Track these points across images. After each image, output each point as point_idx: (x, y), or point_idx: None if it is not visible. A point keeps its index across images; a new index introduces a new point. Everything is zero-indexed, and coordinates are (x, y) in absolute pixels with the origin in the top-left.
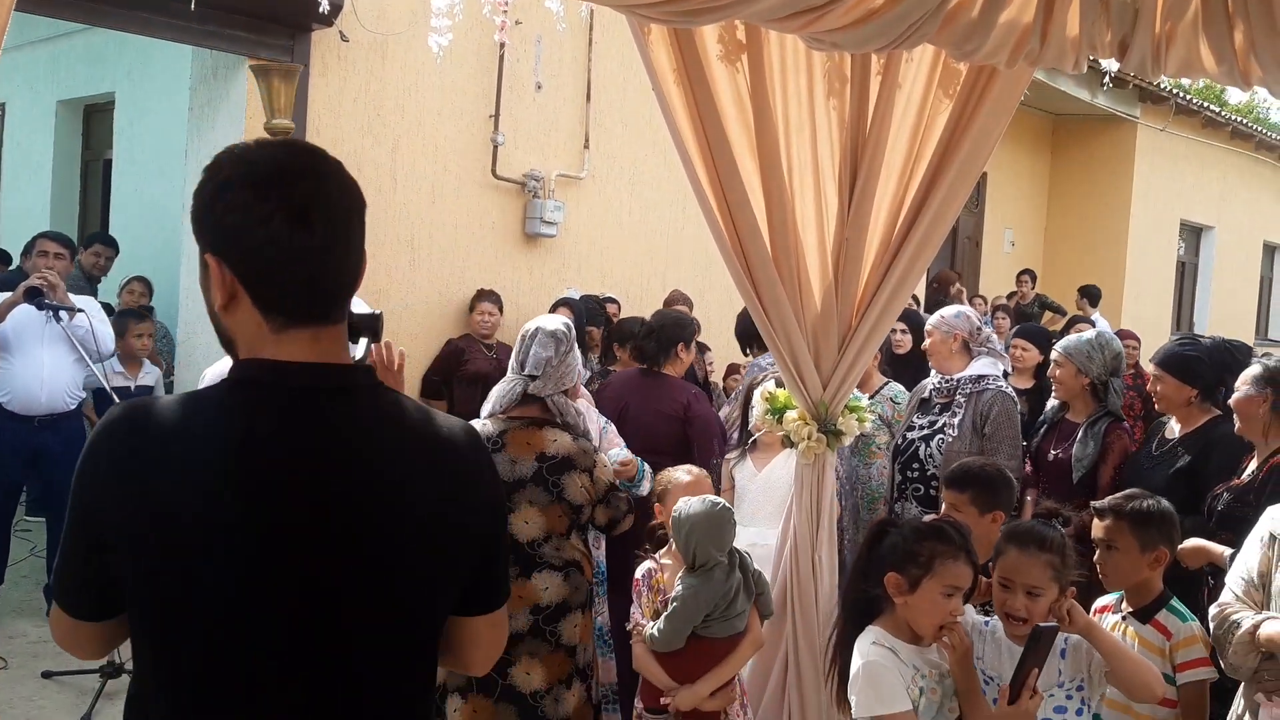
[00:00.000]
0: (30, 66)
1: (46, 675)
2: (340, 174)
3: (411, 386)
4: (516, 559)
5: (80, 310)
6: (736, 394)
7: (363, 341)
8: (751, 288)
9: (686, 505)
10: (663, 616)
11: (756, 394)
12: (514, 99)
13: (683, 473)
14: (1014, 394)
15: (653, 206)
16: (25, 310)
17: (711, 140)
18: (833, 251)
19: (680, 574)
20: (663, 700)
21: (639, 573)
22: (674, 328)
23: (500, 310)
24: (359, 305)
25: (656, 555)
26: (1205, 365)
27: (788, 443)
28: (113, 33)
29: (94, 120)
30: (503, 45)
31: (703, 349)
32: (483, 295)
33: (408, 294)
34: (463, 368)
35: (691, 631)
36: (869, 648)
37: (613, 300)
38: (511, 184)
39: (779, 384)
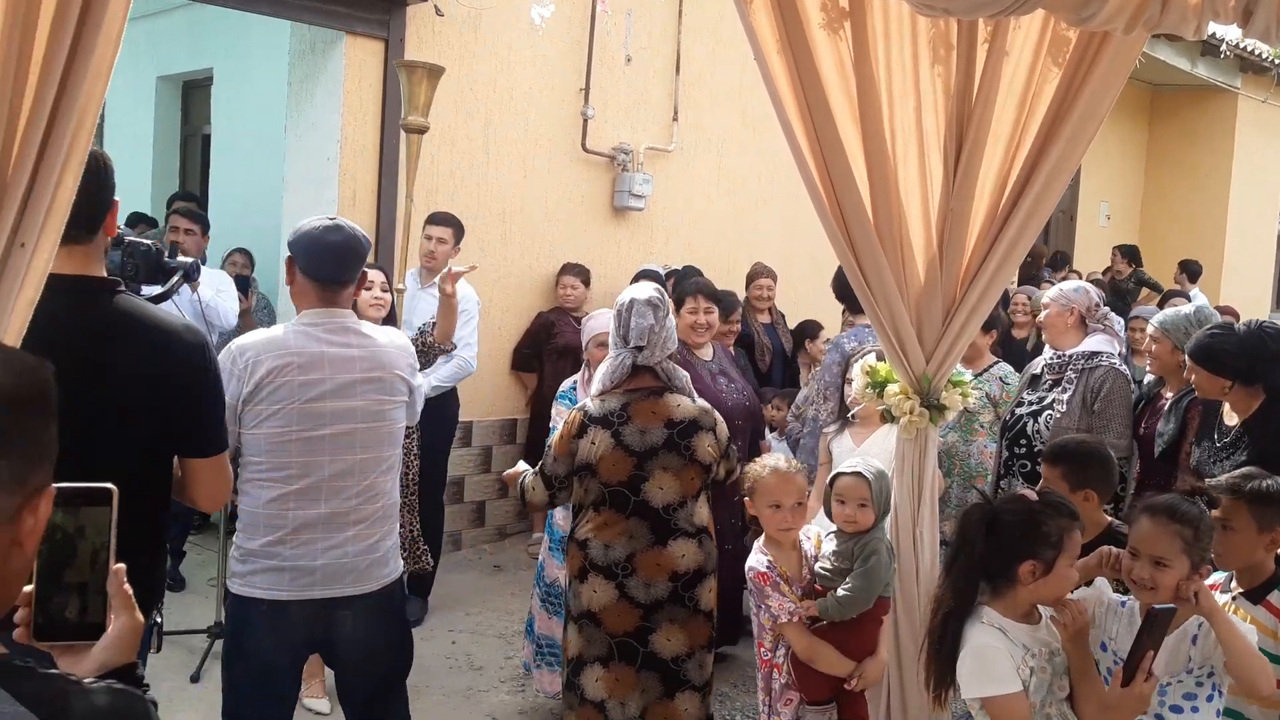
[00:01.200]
0: (130, 43)
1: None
2: None
3: (503, 359)
4: (652, 527)
5: (198, 283)
6: (822, 369)
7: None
8: (854, 259)
9: (871, 465)
10: (850, 577)
11: (856, 367)
12: (604, 72)
13: (769, 470)
14: (1128, 372)
15: (739, 179)
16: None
17: (813, 110)
18: (937, 222)
19: (833, 540)
20: (851, 683)
21: (760, 567)
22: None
23: (585, 283)
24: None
25: (760, 546)
26: (1234, 355)
27: (888, 417)
28: (211, 9)
29: (193, 96)
30: (594, 19)
31: (782, 317)
32: (567, 269)
33: (499, 268)
34: (552, 340)
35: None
36: (979, 628)
37: (697, 272)
38: (601, 157)
39: (880, 357)
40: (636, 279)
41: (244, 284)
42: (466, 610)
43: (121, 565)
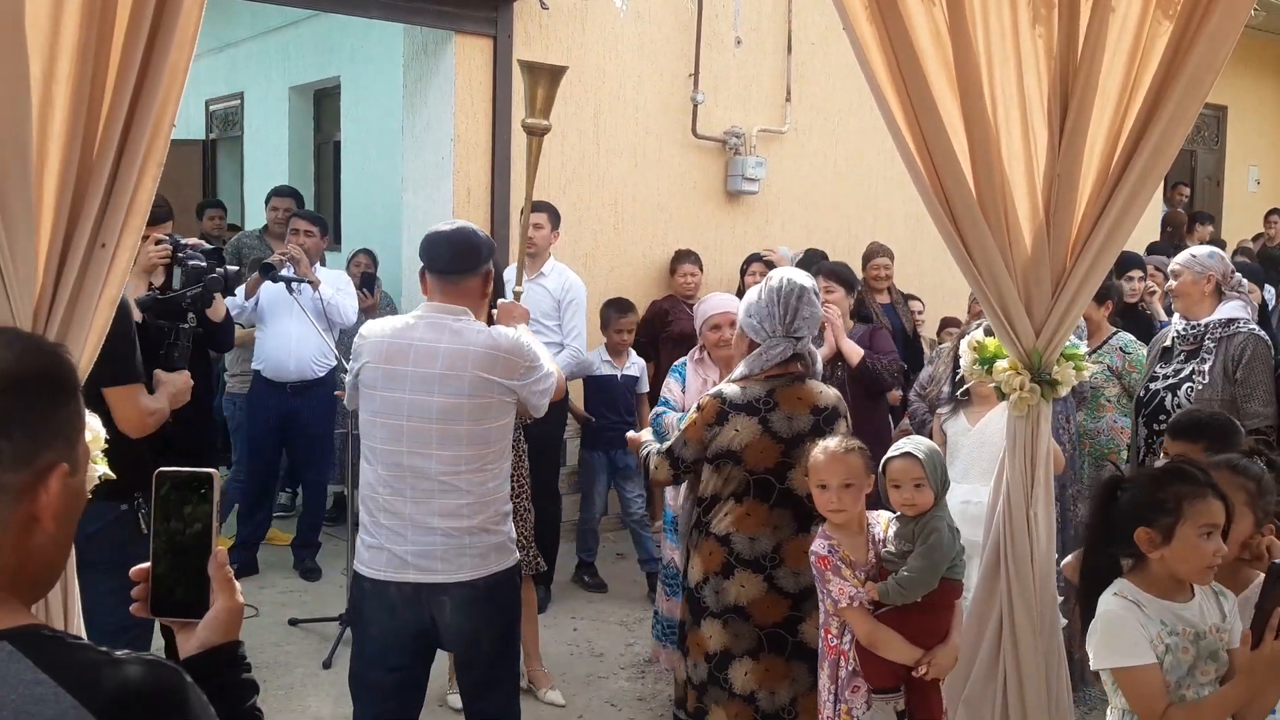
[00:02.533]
0: (264, 56)
1: (293, 623)
2: None
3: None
4: (796, 514)
5: (318, 281)
6: (939, 350)
7: None
8: (954, 231)
9: (921, 444)
10: (911, 557)
11: (964, 344)
12: (713, 56)
13: (820, 449)
14: (1268, 337)
15: (858, 157)
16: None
17: (908, 79)
18: (1043, 190)
19: (896, 523)
20: (918, 671)
21: (822, 550)
22: None
23: (701, 269)
24: None
25: (824, 530)
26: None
27: (1000, 394)
28: (336, 19)
29: (323, 104)
30: (701, 3)
31: (907, 299)
32: (682, 256)
33: (613, 257)
34: (668, 328)
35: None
36: (1110, 599)
37: (821, 255)
38: (712, 142)
39: (988, 332)
40: (747, 263)
41: (369, 282)
42: (588, 598)
43: (222, 548)
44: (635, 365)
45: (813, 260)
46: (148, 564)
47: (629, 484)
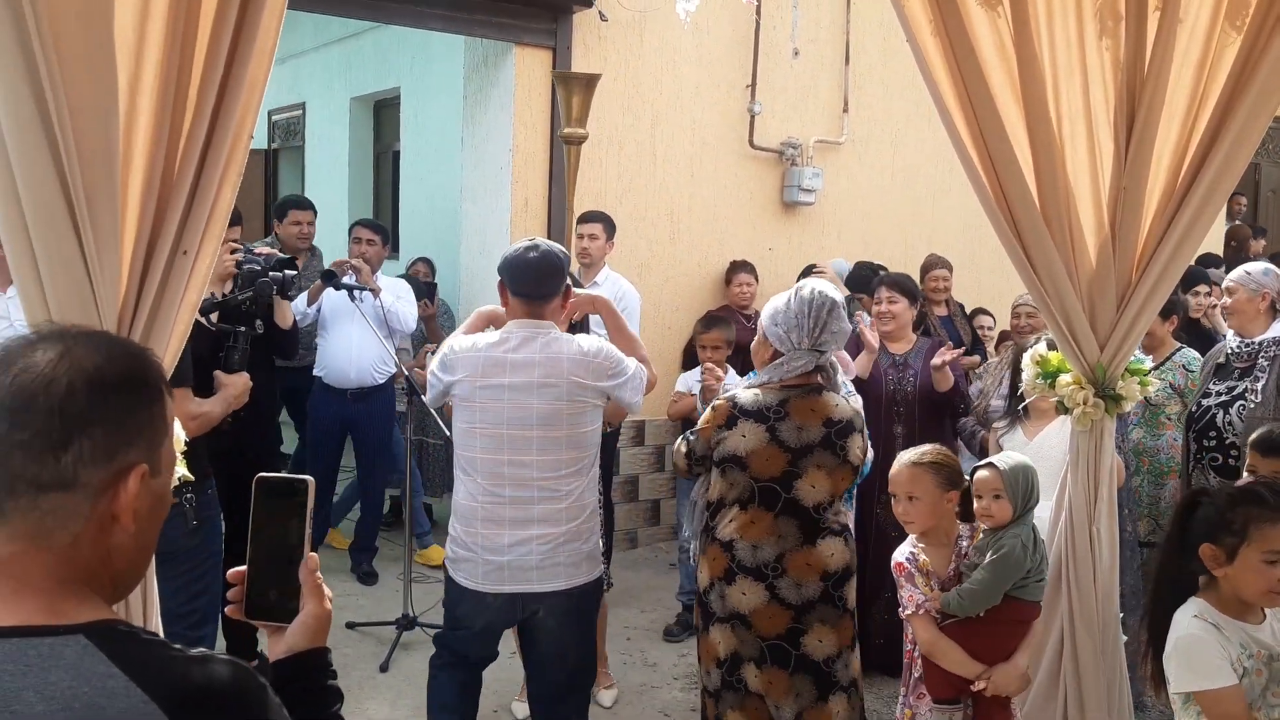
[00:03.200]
0: (326, 67)
1: (350, 626)
2: None
3: (673, 357)
4: (801, 525)
5: (380, 289)
6: (987, 365)
7: None
8: (1018, 243)
9: (1009, 458)
10: (976, 570)
11: (1026, 357)
12: (770, 67)
13: (897, 461)
14: None
15: (916, 169)
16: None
17: (972, 92)
18: (1108, 203)
19: (982, 535)
20: (977, 685)
21: (901, 557)
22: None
23: (757, 279)
24: None
25: (913, 539)
26: None
27: (1062, 409)
28: (397, 31)
29: (383, 114)
30: (758, 12)
31: (977, 314)
32: (738, 266)
33: (669, 267)
34: None
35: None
36: (1189, 620)
37: (882, 267)
38: (769, 153)
39: (1051, 346)
40: (803, 274)
41: (429, 291)
42: (641, 607)
43: (315, 555)
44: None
45: (863, 273)
46: (244, 567)
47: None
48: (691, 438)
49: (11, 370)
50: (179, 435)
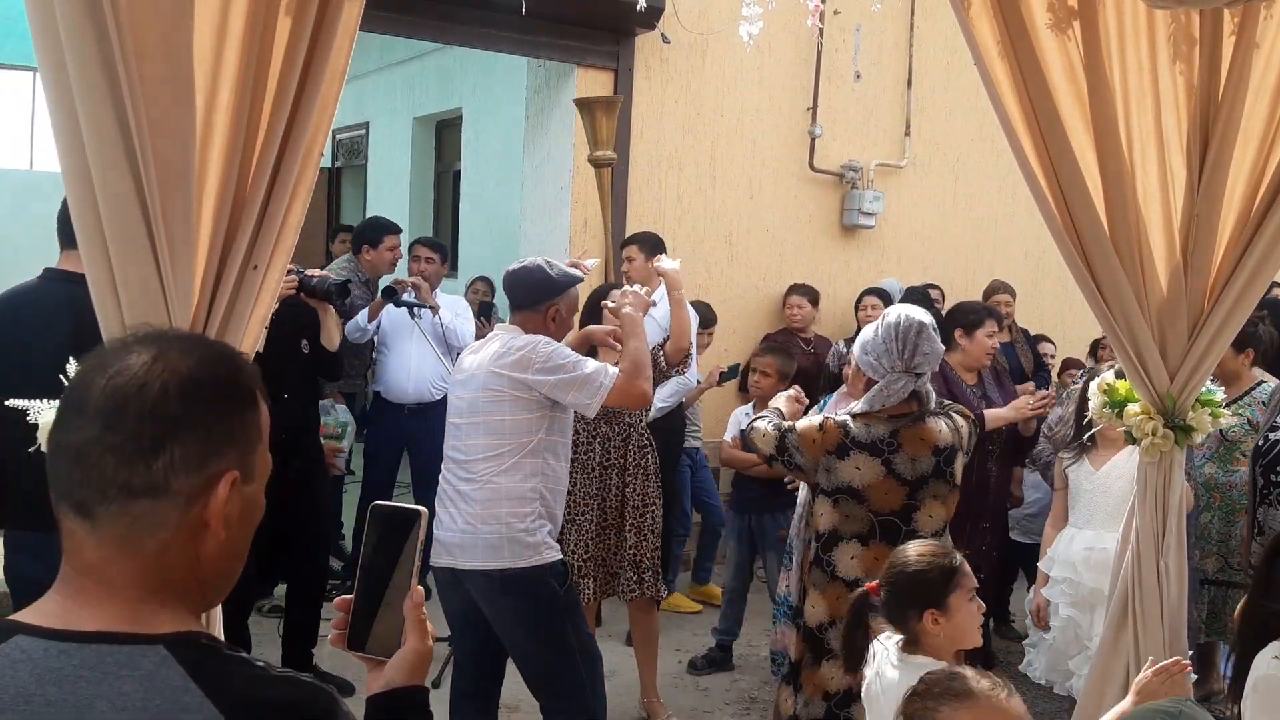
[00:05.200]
0: (389, 88)
1: None
2: None
3: (730, 382)
4: None
5: (438, 307)
6: (1069, 391)
7: None
8: (1086, 270)
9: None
10: None
11: (1093, 386)
12: (832, 90)
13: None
14: None
15: (979, 193)
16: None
17: (1040, 115)
18: (1180, 229)
19: None
20: None
21: None
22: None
23: (814, 303)
24: None
25: None
26: None
27: (1130, 439)
28: (459, 53)
29: (445, 134)
30: (821, 35)
31: (1039, 340)
32: (794, 289)
33: (726, 290)
34: None
35: None
36: (1269, 662)
37: (934, 287)
38: (829, 176)
39: (1119, 375)
40: (862, 297)
41: (487, 310)
42: (694, 631)
43: (420, 589)
44: None
45: (913, 298)
46: (350, 596)
47: (770, 556)
48: (791, 437)
49: (107, 373)
50: None
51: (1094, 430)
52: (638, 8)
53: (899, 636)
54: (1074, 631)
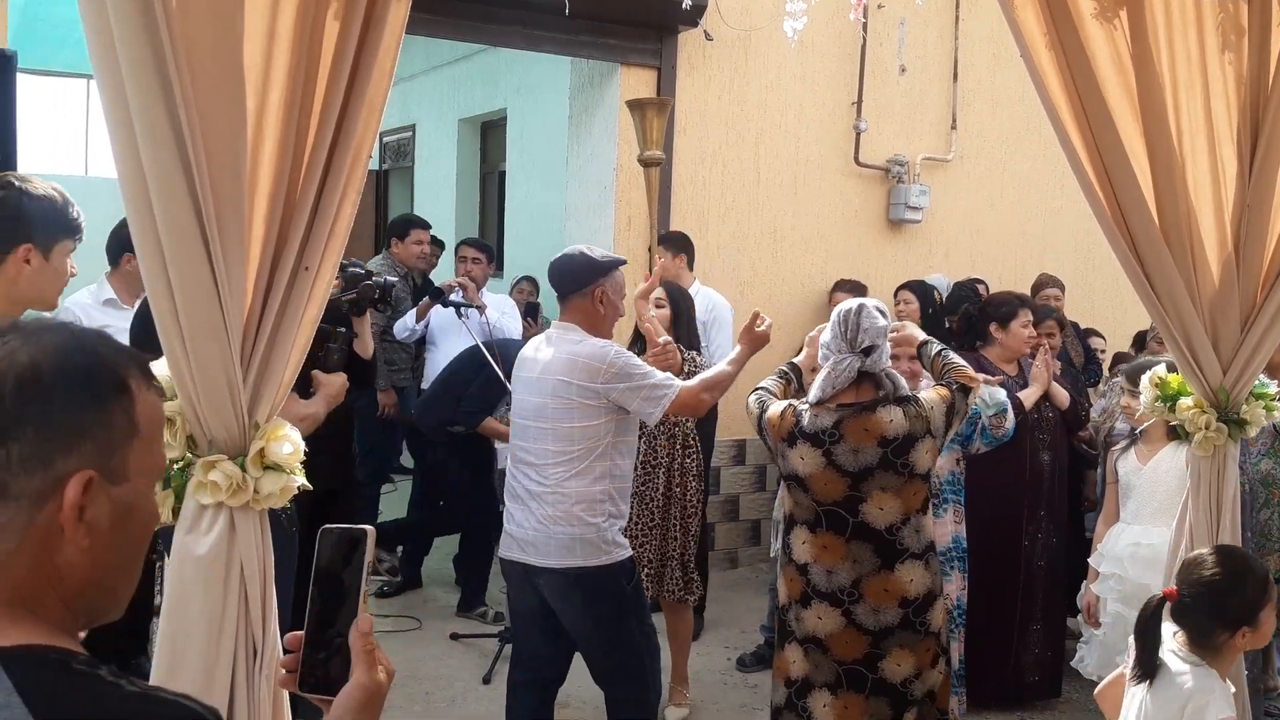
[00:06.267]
0: (435, 90)
1: (454, 637)
2: None
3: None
4: (877, 549)
5: (485, 306)
6: (1112, 384)
7: None
8: (1136, 261)
9: None
10: None
11: (1145, 379)
12: (876, 84)
13: None
14: None
15: (1027, 186)
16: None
17: (1088, 106)
18: (1232, 220)
19: None
20: None
21: None
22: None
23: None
24: None
25: None
26: None
27: (1180, 434)
28: (504, 54)
29: (490, 135)
30: (865, 29)
31: (1089, 335)
32: (840, 285)
33: (771, 286)
34: None
35: None
36: None
37: (981, 282)
38: (874, 170)
39: (1170, 368)
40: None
41: (533, 310)
42: (742, 628)
43: (368, 617)
44: None
45: (962, 294)
46: (300, 632)
47: None
48: (764, 420)
49: None
50: (298, 445)
51: (1144, 425)
52: (681, 5)
53: (1177, 630)
54: (1123, 627)
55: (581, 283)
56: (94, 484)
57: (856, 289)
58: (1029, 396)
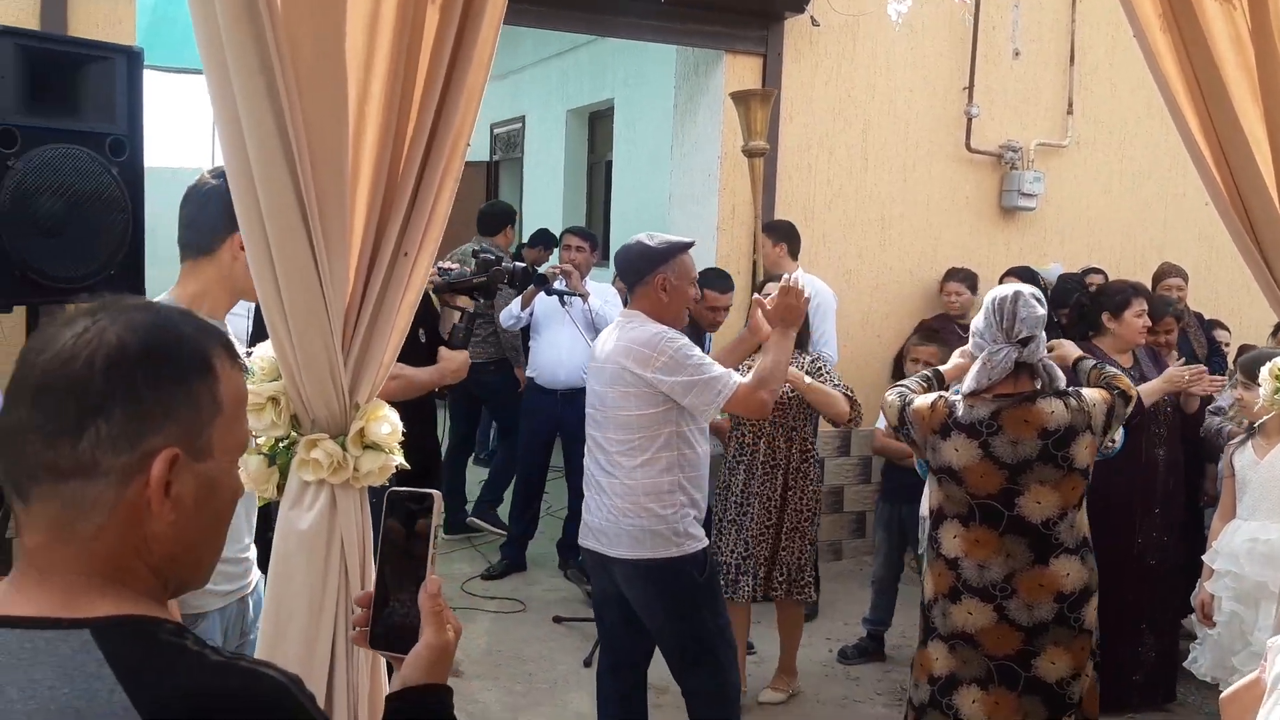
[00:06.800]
0: (544, 81)
1: (557, 620)
2: None
3: (882, 368)
4: (1032, 543)
5: (588, 294)
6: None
7: None
8: (1255, 248)
9: None
10: None
11: (1264, 371)
12: (989, 69)
13: None
14: None
15: (1147, 172)
16: (551, 297)
17: (1205, 89)
18: None
19: None
20: None
21: None
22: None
23: (973, 289)
24: None
25: None
26: None
27: None
28: (610, 44)
29: (597, 126)
30: (976, 13)
31: (1214, 326)
32: (952, 274)
33: (878, 275)
34: None
35: None
36: None
37: (1099, 271)
38: (986, 156)
39: None
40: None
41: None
42: (845, 620)
43: (437, 578)
44: None
45: (1067, 286)
46: (370, 590)
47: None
48: (909, 412)
49: (40, 350)
50: (396, 425)
51: (1264, 419)
52: None
53: None
54: (1238, 627)
55: (642, 273)
56: (179, 461)
57: (969, 279)
58: (1149, 392)
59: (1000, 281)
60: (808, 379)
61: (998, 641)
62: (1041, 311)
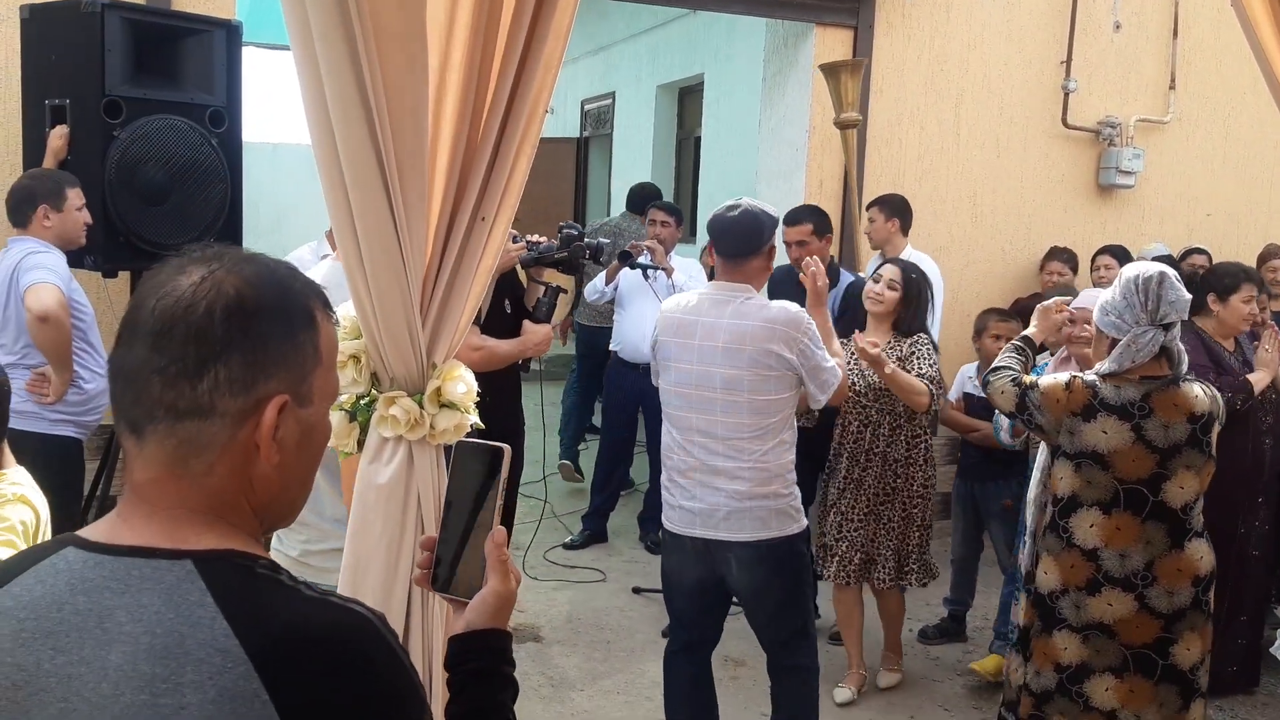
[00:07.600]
0: (634, 57)
1: (636, 591)
2: None
3: (970, 346)
4: (1170, 529)
5: (672, 269)
6: None
7: None
8: None
9: None
10: None
11: None
12: (1088, 42)
13: None
14: None
15: (1252, 150)
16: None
17: None
18: None
19: None
20: None
21: None
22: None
23: (1073, 269)
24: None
25: None
26: None
27: None
28: (701, 18)
29: (687, 101)
30: None
31: None
32: (1054, 253)
33: (969, 252)
34: None
35: None
36: None
37: (1202, 251)
38: (1084, 133)
39: None
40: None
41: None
42: (926, 600)
43: (502, 529)
44: None
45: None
46: (435, 534)
47: (994, 525)
48: (1033, 395)
49: (158, 294)
50: (471, 385)
51: None
52: None
53: None
54: None
55: (760, 243)
56: (287, 407)
57: (1071, 259)
58: (1258, 381)
59: (1093, 262)
60: (890, 366)
61: (1136, 631)
62: (1187, 296)
